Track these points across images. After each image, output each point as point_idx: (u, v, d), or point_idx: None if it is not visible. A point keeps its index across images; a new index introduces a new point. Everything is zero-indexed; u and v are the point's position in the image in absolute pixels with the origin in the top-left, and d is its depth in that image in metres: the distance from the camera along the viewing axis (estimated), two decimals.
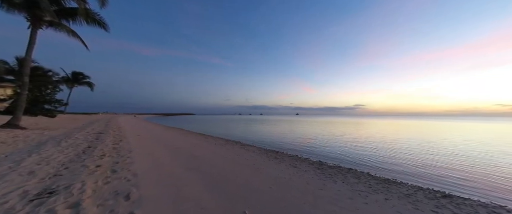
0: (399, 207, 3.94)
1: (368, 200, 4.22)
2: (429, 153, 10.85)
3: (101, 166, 5.20)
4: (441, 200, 4.56)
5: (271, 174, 5.68)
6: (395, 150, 11.54)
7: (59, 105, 29.31)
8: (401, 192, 4.90)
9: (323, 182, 5.32)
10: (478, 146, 13.39)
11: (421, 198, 4.59)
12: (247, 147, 11.32)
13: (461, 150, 11.83)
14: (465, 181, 6.38)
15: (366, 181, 5.82)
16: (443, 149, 11.95)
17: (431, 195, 4.90)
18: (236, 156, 8.11)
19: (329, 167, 7.45)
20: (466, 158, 9.58)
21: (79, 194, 3.36)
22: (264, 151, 10.28)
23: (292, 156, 9.37)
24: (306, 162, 8.21)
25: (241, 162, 7.02)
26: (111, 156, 6.40)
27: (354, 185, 5.30)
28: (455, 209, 4.06)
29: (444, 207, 4.12)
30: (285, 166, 6.99)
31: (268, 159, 8.19)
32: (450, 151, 11.31)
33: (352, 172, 6.90)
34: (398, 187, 5.36)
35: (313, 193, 4.41)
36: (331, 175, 6.24)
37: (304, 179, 5.46)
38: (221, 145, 11.57)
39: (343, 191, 4.71)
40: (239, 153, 9.11)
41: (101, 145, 8.25)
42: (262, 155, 8.94)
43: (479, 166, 8.14)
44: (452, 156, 9.99)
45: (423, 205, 4.12)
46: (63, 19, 14.04)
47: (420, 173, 7.22)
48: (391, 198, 4.41)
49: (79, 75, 44.51)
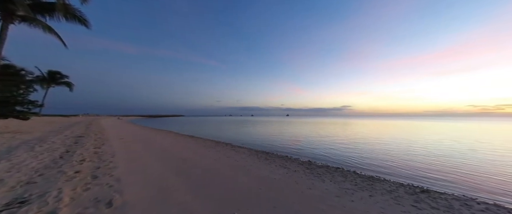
0: (382, 203, 4.14)
1: (354, 197, 4.39)
2: (409, 151, 11.54)
3: (80, 171, 4.88)
4: (420, 195, 4.87)
5: (261, 175, 5.70)
6: (378, 149, 12.13)
7: (33, 106, 27.08)
8: (384, 189, 5.15)
9: (312, 181, 5.43)
10: (451, 144, 14.49)
11: (402, 193, 4.86)
12: (238, 149, 11.25)
13: (437, 148, 12.73)
14: (441, 176, 6.86)
15: (352, 179, 6.04)
16: (421, 148, 12.77)
17: (411, 190, 5.21)
18: (226, 158, 8.02)
19: (317, 167, 7.63)
20: (441, 155, 10.32)
21: (55, 203, 3.13)
22: (255, 152, 10.29)
23: (282, 157, 9.47)
24: (295, 162, 8.34)
25: (232, 164, 6.96)
26: (92, 161, 6.04)
27: (341, 183, 5.48)
28: (432, 203, 4.35)
29: (422, 201, 4.40)
30: (276, 167, 7.05)
31: (259, 160, 8.21)
32: (427, 149, 12.12)
33: (339, 171, 7.13)
34: (382, 184, 5.63)
35: (302, 192, 4.49)
36: (320, 174, 6.40)
37: (293, 179, 5.54)
38: (211, 147, 11.39)
39: (330, 189, 4.85)
40: (229, 154, 9.03)
41: (81, 149, 7.75)
42: (252, 156, 8.94)
43: (452, 163, 8.81)
44: (429, 154, 10.71)
45: (404, 200, 4.37)
46: (38, 14, 13.05)
47: (401, 170, 7.64)
48: (375, 195, 4.62)
49: (56, 74, 41.40)
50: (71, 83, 44.06)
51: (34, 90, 29.17)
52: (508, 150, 11.93)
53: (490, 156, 10.06)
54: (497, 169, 7.78)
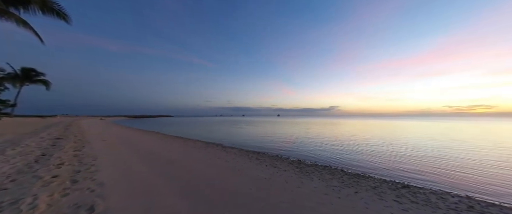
0: (367, 198, 4.34)
1: (341, 194, 4.55)
2: (391, 149, 12.18)
3: (58, 176, 4.57)
4: (401, 190, 5.17)
5: (251, 175, 5.71)
6: (363, 148, 12.67)
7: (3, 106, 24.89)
8: (368, 185, 5.40)
9: (301, 180, 5.55)
10: (428, 142, 15.52)
11: (385, 189, 5.13)
12: (228, 149, 11.17)
13: (416, 146, 13.56)
14: (420, 172, 7.32)
15: (339, 176, 6.26)
16: (401, 146, 13.53)
17: (394, 186, 5.51)
18: (216, 159, 7.94)
19: (307, 165, 7.80)
20: (419, 153, 11.01)
21: (30, 210, 2.91)
22: (246, 152, 10.28)
23: (272, 156, 9.55)
24: (286, 161, 8.46)
25: (222, 165, 6.90)
26: (71, 165, 5.68)
27: (329, 181, 5.66)
28: (412, 197, 4.64)
29: (403, 196, 4.68)
30: (266, 166, 7.10)
31: (249, 160, 8.22)
32: (407, 147, 12.87)
33: (327, 169, 7.35)
34: (367, 181, 5.89)
35: (291, 191, 4.57)
36: (309, 173, 6.55)
37: (283, 178, 5.62)
38: (201, 148, 11.20)
39: (319, 187, 4.99)
40: (219, 155, 8.93)
41: (59, 152, 7.26)
42: (243, 156, 8.92)
43: (429, 159, 9.44)
44: (409, 152, 11.38)
45: (387, 196, 4.61)
46: (11, 7, 12.03)
47: (384, 167, 8.05)
48: (360, 191, 4.82)
49: (30, 71, 38.24)
50: (48, 82, 41.01)
51: (5, 89, 26.83)
52: (478, 146, 13.01)
53: (462, 153, 10.91)
54: (468, 164, 8.46)
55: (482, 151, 11.37)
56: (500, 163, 8.63)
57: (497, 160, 9.09)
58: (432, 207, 4.10)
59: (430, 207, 4.09)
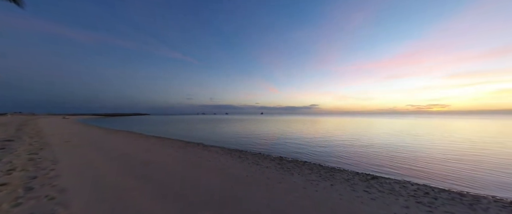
0: (341, 190, 4.67)
1: (318, 187, 4.82)
2: (362, 144, 13.30)
3: (8, 184, 3.95)
4: (371, 181, 5.68)
5: (233, 173, 5.69)
6: (339, 143, 13.58)
7: None
8: (343, 178, 5.82)
9: (282, 176, 5.72)
10: (393, 138, 17.33)
11: (357, 181, 5.58)
12: (210, 148, 10.93)
13: (382, 140, 15.05)
14: (386, 165, 8.13)
15: (317, 171, 6.61)
16: (371, 141, 14.87)
17: (364, 178, 6.02)
18: (197, 158, 7.70)
19: (288, 162, 8.05)
20: (385, 147, 12.24)
21: None
22: (228, 151, 10.18)
23: (255, 154, 9.64)
24: (268, 158, 8.61)
25: (202, 164, 6.73)
26: (25, 170, 4.96)
27: (308, 175, 5.94)
28: (379, 187, 5.14)
29: (372, 186, 5.15)
30: (248, 164, 7.13)
31: (232, 158, 8.16)
32: (376, 142, 14.20)
33: (307, 164, 7.70)
34: (341, 174, 6.34)
35: (272, 187, 4.69)
36: (289, 168, 6.78)
37: (265, 175, 5.72)
38: (180, 147, 10.75)
39: (298, 182, 5.21)
40: (200, 155, 8.69)
41: (9, 157, 6.27)
42: (225, 155, 8.82)
43: (394, 152, 10.56)
44: (376, 146, 12.58)
45: (358, 187, 5.02)
46: None
47: (356, 160, 8.74)
48: (335, 183, 5.17)
49: None
50: None
51: None
52: (432, 141, 14.96)
53: (420, 146, 12.44)
54: (424, 156, 9.67)
55: (435, 145, 13.09)
56: (447, 155, 10.05)
57: (445, 152, 10.58)
58: (396, 195, 4.60)
59: (394, 195, 4.58)
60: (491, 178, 6.36)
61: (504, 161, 8.53)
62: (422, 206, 3.94)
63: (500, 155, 9.69)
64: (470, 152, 10.41)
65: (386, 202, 4.10)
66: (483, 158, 9.01)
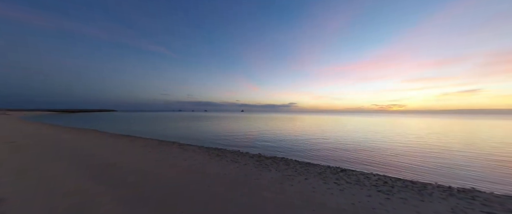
0: (314, 183, 4.99)
1: (294, 182, 5.05)
2: (334, 139, 14.42)
3: None
4: (340, 173, 6.19)
5: (211, 172, 5.56)
6: (313, 139, 14.46)
7: None
8: (316, 171, 6.21)
9: (260, 172, 5.82)
10: (359, 133, 19.22)
11: (328, 174, 6.02)
12: (186, 147, 10.46)
13: (351, 137, 16.57)
14: (353, 157, 8.97)
15: (293, 166, 6.91)
16: (341, 137, 16.24)
17: (334, 171, 6.53)
18: (171, 158, 7.30)
19: (266, 158, 8.22)
20: (353, 142, 13.50)
21: None
22: (206, 149, 9.89)
23: (233, 152, 9.58)
24: (246, 156, 8.65)
25: (176, 164, 6.40)
26: None
27: (285, 171, 6.17)
28: (347, 179, 5.63)
29: (341, 178, 5.61)
30: (227, 162, 7.06)
31: (210, 157, 7.96)
32: (345, 138, 15.56)
33: (284, 160, 7.98)
34: (314, 168, 6.75)
35: (250, 183, 4.73)
36: (267, 165, 6.93)
37: (243, 172, 5.74)
38: (153, 146, 10.03)
39: (275, 177, 5.37)
40: (175, 154, 8.26)
41: None
42: (203, 154, 8.56)
43: (359, 147, 11.72)
44: (346, 141, 13.79)
45: (329, 179, 5.43)
46: None
47: (328, 155, 9.43)
48: (309, 177, 5.49)
49: None
50: None
51: None
52: (389, 136, 17.04)
53: (379, 141, 14.05)
54: (383, 149, 10.96)
55: (392, 140, 14.93)
56: (401, 149, 11.58)
57: (400, 146, 12.16)
58: (361, 185, 5.11)
59: (359, 185, 5.08)
60: (434, 167, 7.55)
61: (444, 153, 10.22)
62: (382, 194, 4.47)
63: (441, 148, 11.57)
64: (419, 146, 12.17)
65: (352, 192, 4.52)
66: (429, 151, 10.64)
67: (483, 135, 17.89)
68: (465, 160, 8.61)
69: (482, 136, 17.16)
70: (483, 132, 20.15)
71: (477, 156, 9.40)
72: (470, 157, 9.18)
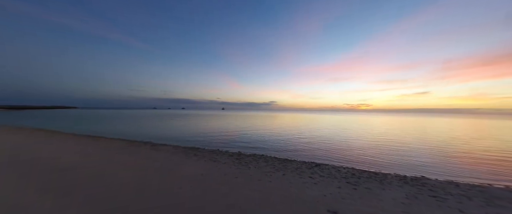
0: (291, 178, 5.20)
1: (272, 178, 5.18)
2: (309, 136, 15.28)
3: None
4: (314, 168, 6.58)
5: (186, 173, 5.34)
6: (291, 136, 15.07)
7: None
8: (293, 167, 6.49)
9: (239, 170, 5.82)
10: (330, 131, 20.75)
11: (304, 169, 6.35)
12: (160, 147, 9.81)
13: (325, 133, 17.79)
14: (325, 153, 9.63)
15: (272, 163, 7.09)
16: (316, 134, 17.31)
17: (309, 166, 6.92)
18: (141, 160, 6.78)
19: (246, 156, 8.25)
20: (326, 138, 14.52)
21: None
22: (182, 149, 9.44)
23: (212, 151, 9.36)
24: (226, 154, 8.54)
25: (149, 166, 5.97)
26: None
27: (263, 167, 6.29)
28: (321, 172, 6.02)
29: (315, 173, 5.98)
30: (205, 162, 6.86)
31: (187, 156, 7.63)
32: (318, 135, 16.63)
33: (263, 157, 8.12)
34: (292, 164, 7.04)
35: (229, 182, 4.69)
36: (247, 162, 6.97)
37: (222, 171, 5.66)
38: (121, 148, 9.15)
39: (254, 174, 5.43)
40: (147, 155, 7.69)
41: None
42: (179, 154, 8.15)
43: (332, 142, 12.66)
44: (319, 138, 14.74)
45: (304, 174, 5.73)
46: None
47: (305, 151, 9.94)
48: (287, 173, 5.71)
49: None
50: None
51: None
52: (357, 133, 18.81)
53: (348, 137, 15.40)
54: (352, 144, 12.05)
55: (359, 136, 16.49)
56: (367, 143, 12.89)
57: (365, 141, 13.52)
58: (332, 178, 5.52)
59: (331, 178, 5.49)
60: (393, 160, 8.59)
61: (401, 147, 11.69)
62: (350, 185, 4.91)
63: (398, 143, 13.22)
64: (381, 141, 13.69)
65: (325, 184, 4.86)
66: (389, 145, 12.05)
67: (431, 131, 21.05)
68: (418, 152, 10.01)
69: (430, 132, 20.19)
70: (431, 129, 23.70)
71: (426, 149, 11.02)
72: (421, 150, 10.71)
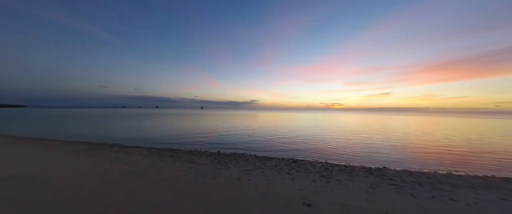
0: (269, 175, 5.32)
1: (252, 176, 5.22)
2: (287, 134, 15.88)
3: None
4: (292, 164, 6.85)
5: (160, 176, 5.01)
6: (271, 134, 15.43)
7: None
8: (271, 164, 6.64)
9: (218, 170, 5.71)
10: (307, 129, 21.92)
11: (283, 166, 6.56)
12: (130, 149, 9.00)
13: (300, 131, 18.69)
14: (303, 149, 10.13)
15: (252, 161, 7.14)
16: (293, 131, 18.08)
17: (287, 162, 7.17)
18: (107, 164, 6.13)
19: (225, 156, 8.12)
20: (302, 135, 15.28)
21: None
22: (156, 151, 8.82)
23: (190, 151, 8.97)
24: (204, 154, 8.28)
25: (115, 171, 5.44)
26: None
27: (243, 166, 6.29)
28: (298, 168, 6.30)
29: (293, 168, 6.23)
30: (181, 163, 6.54)
31: (161, 159, 7.16)
32: (295, 132, 17.42)
33: (243, 156, 8.12)
34: (271, 161, 7.21)
35: (207, 183, 4.57)
36: (226, 162, 6.87)
37: (200, 172, 5.48)
38: (80, 152, 8.12)
39: (234, 174, 5.39)
40: (115, 159, 6.98)
41: None
42: (152, 156, 7.60)
43: (307, 139, 13.39)
44: (296, 135, 15.45)
45: (283, 170, 5.92)
46: None
47: (284, 148, 10.28)
48: (266, 170, 5.81)
49: None
50: None
51: None
52: (331, 130, 20.25)
53: (323, 134, 16.48)
54: (326, 141, 12.92)
55: (332, 133, 17.78)
56: (338, 139, 13.96)
57: (337, 138, 14.63)
58: (308, 172, 5.83)
59: (306, 172, 5.79)
60: (361, 153, 9.47)
61: (368, 142, 12.96)
62: (323, 178, 5.25)
63: (365, 138, 14.64)
64: (351, 137, 14.98)
65: (301, 179, 5.10)
66: (358, 141, 13.26)
67: (392, 127, 23.82)
68: (381, 146, 11.23)
69: (391, 128, 22.83)
70: (392, 126, 26.81)
71: (388, 143, 12.43)
72: (384, 144, 12.04)
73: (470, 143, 12.66)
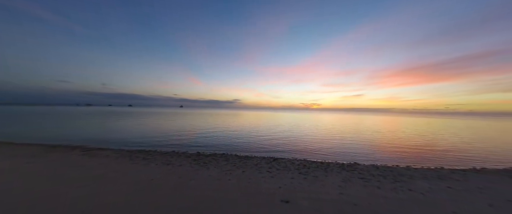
0: (250, 174, 5.33)
1: (232, 176, 5.15)
2: (269, 133, 16.16)
3: None
4: (272, 162, 6.97)
5: (132, 180, 4.62)
6: (253, 134, 15.51)
7: None
8: (252, 163, 6.66)
9: (196, 172, 5.49)
10: (288, 128, 22.66)
11: (263, 164, 6.63)
12: (95, 152, 8.10)
13: (281, 130, 19.24)
14: (283, 148, 10.41)
15: (233, 161, 7.06)
16: (274, 130, 18.50)
17: (268, 160, 7.28)
18: (68, 169, 5.42)
19: (205, 156, 7.87)
20: (282, 135, 15.74)
21: None
22: (127, 153, 8.10)
23: (166, 153, 8.46)
24: (183, 156, 7.90)
25: (77, 177, 4.83)
26: None
27: (224, 166, 6.17)
28: (278, 166, 6.44)
29: (273, 167, 6.34)
30: (156, 165, 6.13)
31: (132, 162, 6.60)
32: (276, 131, 17.86)
33: (224, 156, 7.97)
34: (252, 160, 7.23)
35: (184, 185, 4.36)
36: (206, 163, 6.66)
37: (177, 174, 5.20)
38: (34, 155, 7.03)
39: (213, 174, 5.25)
40: (77, 162, 6.21)
41: None
42: (122, 159, 6.96)
43: (288, 138, 13.83)
44: (277, 134, 15.85)
45: (263, 169, 5.98)
46: None
47: (265, 147, 10.41)
48: (246, 170, 5.80)
49: None
50: None
51: None
52: (309, 129, 21.25)
53: (302, 133, 17.21)
54: (304, 139, 13.51)
55: (311, 132, 18.67)
56: (315, 138, 14.73)
57: (315, 136, 15.43)
58: (287, 170, 6.00)
59: (286, 170, 5.95)
60: (335, 150, 10.12)
61: (342, 140, 13.91)
62: (302, 175, 5.46)
63: (340, 136, 15.69)
64: (327, 135, 15.91)
65: (280, 177, 5.22)
66: (333, 138, 14.15)
67: (363, 126, 25.98)
68: (353, 143, 12.16)
69: (362, 127, 24.88)
70: (363, 125, 29.24)
71: (359, 140, 13.52)
72: (356, 141, 13.06)
73: (425, 139, 14.55)
